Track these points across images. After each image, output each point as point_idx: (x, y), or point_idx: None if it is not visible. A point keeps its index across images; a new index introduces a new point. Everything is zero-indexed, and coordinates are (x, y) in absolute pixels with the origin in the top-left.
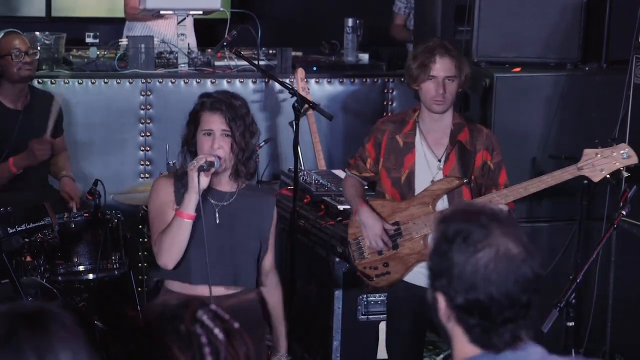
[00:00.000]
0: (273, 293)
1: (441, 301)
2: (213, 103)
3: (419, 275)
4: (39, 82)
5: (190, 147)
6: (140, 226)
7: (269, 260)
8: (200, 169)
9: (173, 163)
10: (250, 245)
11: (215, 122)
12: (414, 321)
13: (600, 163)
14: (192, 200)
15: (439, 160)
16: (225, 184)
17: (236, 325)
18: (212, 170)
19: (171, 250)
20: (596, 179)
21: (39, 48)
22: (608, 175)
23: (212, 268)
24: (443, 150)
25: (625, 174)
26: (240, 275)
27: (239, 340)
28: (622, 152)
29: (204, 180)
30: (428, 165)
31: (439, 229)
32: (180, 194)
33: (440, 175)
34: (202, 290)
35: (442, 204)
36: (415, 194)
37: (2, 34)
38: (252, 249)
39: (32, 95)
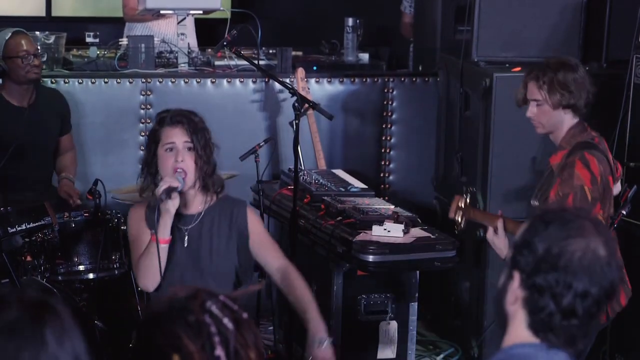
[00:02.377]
0: (296, 285)
1: (516, 279)
2: (172, 117)
3: None
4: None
5: (150, 168)
6: None
7: (278, 259)
8: (160, 200)
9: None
10: (222, 268)
11: (176, 135)
12: None
13: None
14: (166, 224)
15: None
16: (192, 205)
17: (245, 315)
18: (176, 193)
19: (148, 274)
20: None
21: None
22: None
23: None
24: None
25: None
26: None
27: (248, 329)
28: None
29: (175, 202)
30: None
31: (538, 214)
32: (151, 219)
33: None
34: None
35: None
36: None
37: (10, 34)
38: (225, 270)
39: (38, 93)
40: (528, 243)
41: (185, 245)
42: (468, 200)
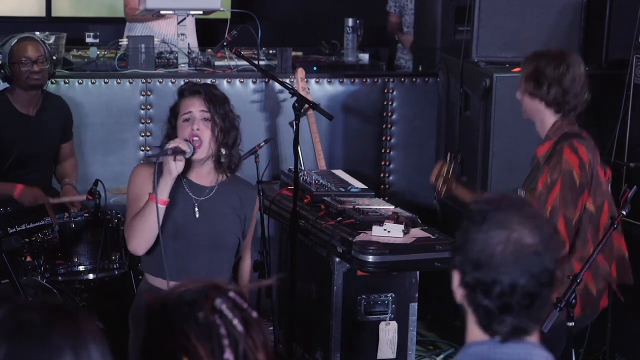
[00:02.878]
0: (242, 277)
1: (455, 279)
2: (191, 88)
3: None
4: None
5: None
6: None
7: (246, 250)
8: (165, 153)
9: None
10: (228, 242)
11: (193, 105)
12: None
13: None
14: (166, 184)
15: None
16: (206, 177)
17: (254, 314)
18: (181, 157)
19: (141, 235)
20: None
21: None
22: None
23: (188, 263)
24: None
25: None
26: (216, 272)
27: (257, 330)
28: None
29: (179, 165)
30: None
31: (466, 211)
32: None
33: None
34: None
35: None
36: None
37: (17, 39)
38: (231, 245)
39: (45, 100)
40: (459, 242)
41: (197, 216)
42: (451, 170)
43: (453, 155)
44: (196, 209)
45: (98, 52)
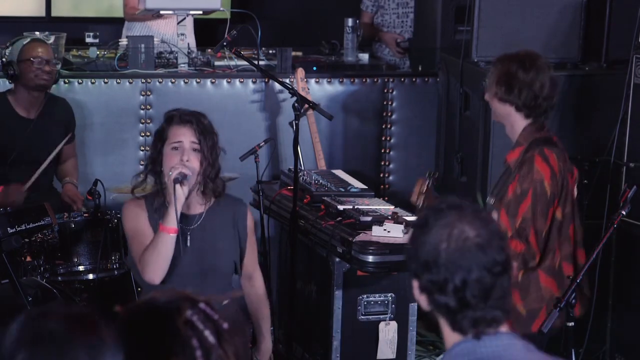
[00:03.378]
0: (256, 295)
1: (415, 287)
2: (182, 116)
3: None
4: None
5: (155, 166)
6: None
7: (250, 263)
8: (176, 181)
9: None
10: (223, 268)
11: (184, 135)
12: None
13: None
14: (174, 212)
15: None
16: (193, 206)
17: (225, 325)
18: (186, 182)
19: (157, 265)
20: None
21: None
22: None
23: (189, 286)
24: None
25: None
26: (216, 291)
27: (228, 340)
28: None
29: (185, 190)
30: None
31: (412, 223)
32: (154, 215)
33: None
34: None
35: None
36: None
37: (29, 39)
38: (226, 270)
39: (47, 103)
40: (409, 250)
41: (188, 244)
42: (430, 184)
43: (431, 172)
44: (188, 238)
45: (98, 52)
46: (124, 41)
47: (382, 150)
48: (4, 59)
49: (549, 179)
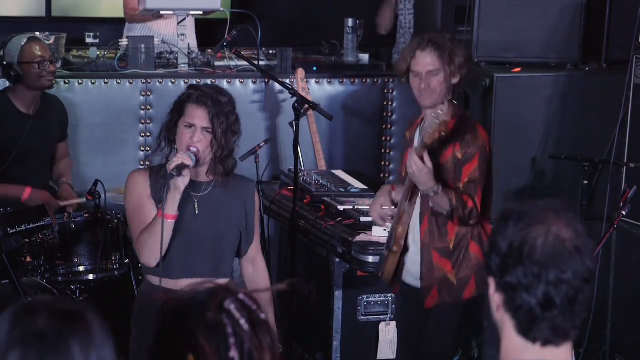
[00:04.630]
0: (261, 278)
1: (492, 285)
2: (199, 97)
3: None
4: None
5: (170, 134)
6: None
7: (254, 246)
8: (170, 176)
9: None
10: (230, 236)
11: (198, 117)
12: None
13: None
14: (174, 200)
15: None
16: (203, 176)
17: (262, 315)
18: (187, 171)
19: (153, 249)
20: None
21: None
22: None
23: (191, 260)
24: None
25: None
26: (219, 267)
27: (264, 331)
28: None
29: (185, 180)
30: None
31: (499, 215)
32: (156, 188)
33: None
34: (182, 283)
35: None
36: None
37: (25, 39)
38: (232, 239)
39: (43, 100)
40: (493, 245)
41: (197, 212)
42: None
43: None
44: (196, 206)
45: (98, 53)
46: (124, 41)
47: (382, 151)
48: (3, 62)
49: (488, 145)
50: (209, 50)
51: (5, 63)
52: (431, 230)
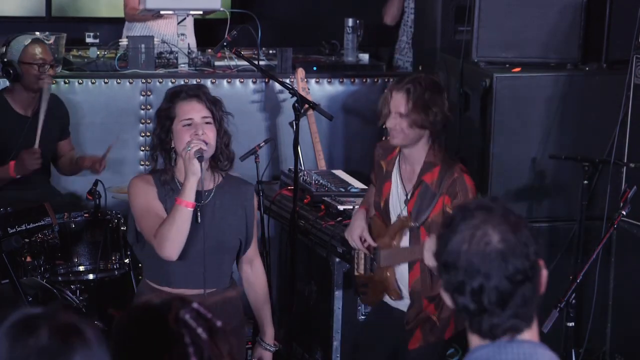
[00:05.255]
0: (258, 279)
1: (442, 289)
2: (187, 91)
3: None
4: None
5: (164, 145)
6: None
7: (253, 248)
8: (199, 156)
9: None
10: (231, 245)
11: (194, 110)
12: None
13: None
14: (192, 186)
15: (406, 196)
16: (204, 182)
17: (219, 323)
18: (204, 159)
19: (176, 239)
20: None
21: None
22: None
23: (193, 271)
24: (412, 185)
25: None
26: (221, 277)
27: (222, 338)
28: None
29: (203, 165)
30: (398, 198)
31: (443, 223)
32: (162, 190)
33: (405, 211)
34: (183, 293)
35: (406, 240)
36: (391, 221)
37: (29, 40)
38: (233, 248)
39: (41, 100)
40: (436, 248)
41: (199, 221)
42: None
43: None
44: (198, 214)
45: (98, 52)
46: (124, 41)
47: None
48: (4, 59)
49: (475, 192)
50: (209, 50)
51: (5, 60)
52: (424, 280)
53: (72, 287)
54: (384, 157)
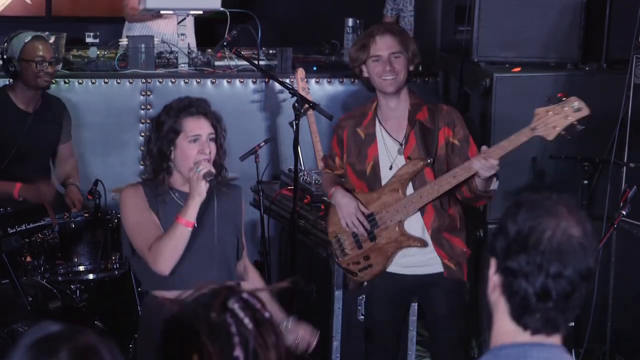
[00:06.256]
0: (251, 274)
1: (492, 265)
2: (197, 107)
3: (396, 264)
4: None
5: (167, 158)
6: None
7: (244, 252)
8: (209, 179)
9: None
10: (229, 241)
11: (202, 127)
12: (389, 310)
13: (553, 120)
14: (195, 206)
15: (400, 144)
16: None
17: (267, 314)
18: (210, 180)
19: (172, 256)
20: (551, 137)
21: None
22: (563, 132)
23: (199, 273)
24: (403, 134)
25: (580, 127)
26: (229, 273)
27: (268, 330)
28: (572, 105)
29: (207, 186)
30: (388, 153)
31: (514, 200)
32: (154, 201)
33: (401, 159)
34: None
35: (409, 188)
36: (382, 183)
37: (30, 37)
38: (232, 244)
39: (44, 100)
40: (501, 228)
41: (196, 226)
42: None
43: None
44: (196, 221)
45: (98, 52)
46: (124, 41)
47: None
48: (4, 56)
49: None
50: (209, 50)
51: (6, 57)
52: (440, 215)
53: (72, 286)
54: (358, 125)
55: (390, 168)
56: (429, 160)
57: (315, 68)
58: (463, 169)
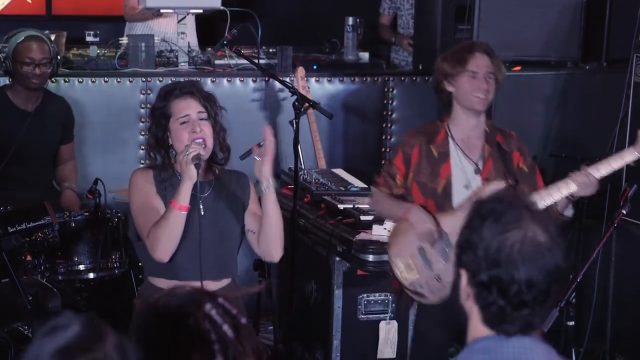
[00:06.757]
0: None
1: (464, 277)
2: (182, 89)
3: None
4: None
5: (162, 143)
6: None
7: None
8: (196, 162)
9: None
10: (233, 234)
11: (190, 107)
12: (440, 330)
13: None
14: (187, 190)
15: (476, 165)
16: (205, 174)
17: (243, 320)
18: (201, 164)
19: (168, 243)
20: None
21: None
22: None
23: (199, 261)
24: (478, 154)
25: None
26: (226, 266)
27: (247, 335)
28: None
29: (199, 170)
30: (464, 171)
31: (474, 207)
32: (162, 186)
33: (477, 179)
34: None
35: None
36: (453, 201)
37: (23, 37)
38: (236, 237)
39: (45, 99)
40: (468, 242)
41: (202, 213)
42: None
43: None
44: (201, 206)
45: (98, 51)
46: (124, 40)
47: (383, 149)
48: (2, 55)
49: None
50: (209, 49)
51: (2, 56)
52: None
53: (72, 286)
54: (431, 142)
55: (466, 187)
56: (510, 183)
57: (315, 67)
58: (563, 185)
